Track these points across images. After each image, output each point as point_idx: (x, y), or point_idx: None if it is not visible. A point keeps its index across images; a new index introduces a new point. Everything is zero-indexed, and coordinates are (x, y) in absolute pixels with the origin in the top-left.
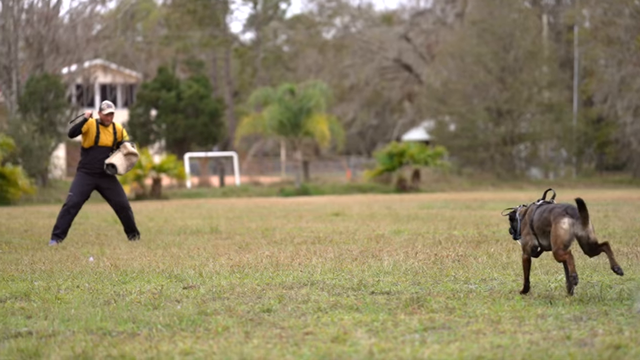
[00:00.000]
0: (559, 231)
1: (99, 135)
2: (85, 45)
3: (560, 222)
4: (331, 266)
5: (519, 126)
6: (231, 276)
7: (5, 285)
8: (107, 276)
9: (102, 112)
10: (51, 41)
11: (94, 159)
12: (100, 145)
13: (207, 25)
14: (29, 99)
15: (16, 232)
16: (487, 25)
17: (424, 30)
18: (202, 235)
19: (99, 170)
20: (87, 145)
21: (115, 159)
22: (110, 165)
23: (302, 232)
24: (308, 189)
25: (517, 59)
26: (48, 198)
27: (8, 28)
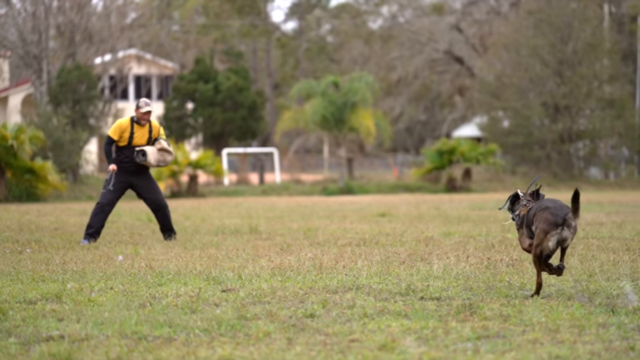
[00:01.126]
0: (544, 242)
1: (133, 135)
2: (119, 34)
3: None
4: (377, 270)
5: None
6: (272, 279)
7: (36, 286)
8: (142, 278)
9: (139, 110)
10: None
11: (126, 158)
12: (134, 145)
13: (247, 14)
14: (60, 90)
15: (46, 231)
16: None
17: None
18: (241, 236)
19: (133, 169)
20: (121, 144)
21: (147, 147)
22: (140, 153)
23: (347, 233)
24: (352, 188)
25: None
26: (79, 195)
27: (39, 15)
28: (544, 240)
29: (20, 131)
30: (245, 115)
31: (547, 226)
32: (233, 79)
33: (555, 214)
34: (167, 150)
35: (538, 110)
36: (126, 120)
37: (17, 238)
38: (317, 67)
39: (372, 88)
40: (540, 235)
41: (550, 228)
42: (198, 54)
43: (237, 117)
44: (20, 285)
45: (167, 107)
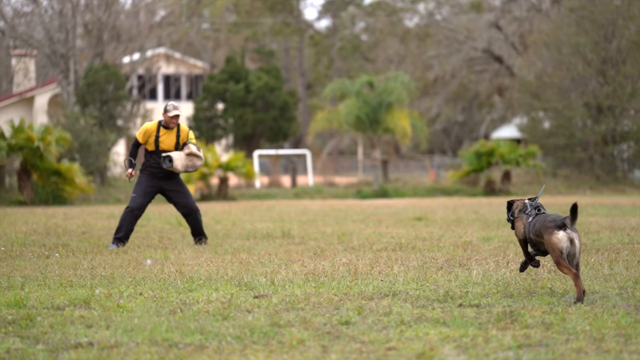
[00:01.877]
0: (554, 240)
1: (159, 139)
2: (147, 32)
3: (554, 233)
4: (414, 275)
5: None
6: (305, 285)
7: (64, 291)
8: (172, 283)
9: (167, 114)
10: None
11: (155, 163)
12: (162, 150)
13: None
14: (87, 90)
15: (74, 234)
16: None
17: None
18: (273, 240)
19: (162, 174)
20: (149, 148)
21: (174, 153)
22: (167, 159)
23: (382, 237)
24: (387, 191)
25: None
26: (107, 198)
27: (66, 13)
28: (560, 241)
29: (46, 132)
30: (277, 116)
31: (553, 225)
32: (264, 78)
33: (555, 219)
34: (196, 155)
35: (580, 111)
36: (153, 124)
37: (44, 242)
38: (351, 66)
39: (408, 88)
40: (553, 243)
41: (558, 228)
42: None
43: (269, 118)
44: (47, 290)
45: (196, 107)
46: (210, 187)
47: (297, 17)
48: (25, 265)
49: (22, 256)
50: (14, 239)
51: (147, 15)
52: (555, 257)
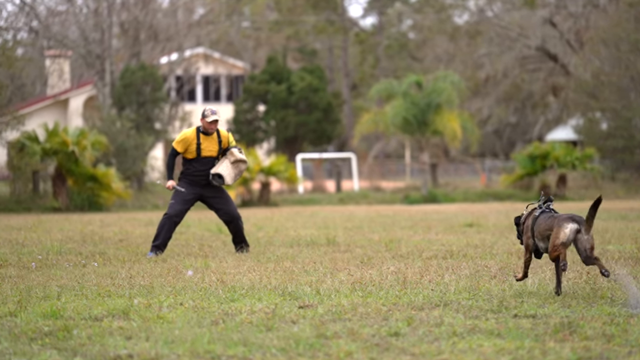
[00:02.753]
0: (560, 233)
1: (201, 146)
2: (186, 31)
3: (564, 225)
4: (466, 284)
5: None
6: (352, 294)
7: (102, 301)
8: (214, 293)
9: (205, 120)
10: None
11: (196, 171)
12: (204, 157)
13: (323, 9)
14: (123, 92)
15: (111, 242)
16: None
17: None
18: (317, 248)
19: (203, 182)
20: (189, 157)
21: (222, 168)
22: (216, 176)
23: (432, 245)
24: (436, 196)
25: None
26: (144, 204)
27: (101, 12)
28: (561, 231)
29: (82, 136)
30: (320, 118)
31: (562, 222)
32: (307, 79)
33: (570, 216)
34: (241, 160)
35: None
36: (192, 131)
37: (80, 250)
38: (398, 65)
39: (457, 88)
40: (557, 231)
41: (566, 222)
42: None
43: (312, 120)
44: (85, 300)
45: (237, 109)
46: (251, 192)
47: (341, 15)
48: (62, 274)
49: (58, 265)
50: (49, 247)
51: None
52: (553, 244)
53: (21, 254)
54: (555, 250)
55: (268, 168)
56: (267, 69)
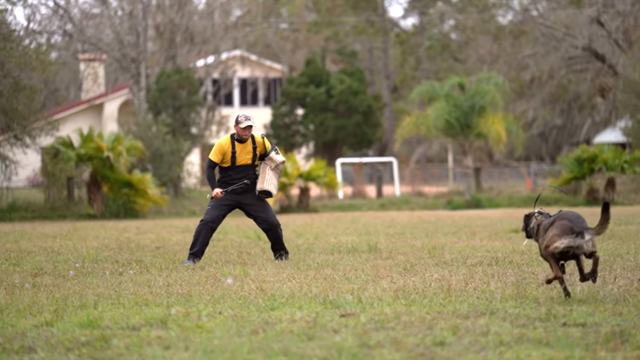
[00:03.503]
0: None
1: (236, 155)
2: (222, 34)
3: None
4: (513, 292)
5: None
6: (395, 302)
7: (139, 310)
8: (253, 301)
9: (239, 126)
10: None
11: (232, 180)
12: (239, 165)
13: (363, 9)
14: (159, 96)
15: (147, 250)
16: None
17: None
18: (359, 255)
19: (240, 189)
20: (224, 165)
21: (266, 182)
22: (263, 192)
23: (476, 251)
24: (480, 201)
25: None
26: (181, 210)
27: (136, 15)
28: (556, 241)
29: (117, 141)
30: (360, 121)
31: (560, 231)
32: (347, 81)
33: (573, 223)
34: (281, 162)
35: None
36: (226, 140)
37: (116, 258)
38: (440, 67)
39: (501, 90)
40: (552, 238)
41: (563, 233)
42: (308, 54)
43: (352, 124)
44: (122, 309)
45: (274, 113)
46: (290, 198)
47: (381, 15)
48: (98, 282)
49: (94, 273)
50: (85, 255)
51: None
52: (546, 251)
53: (56, 262)
54: (548, 254)
55: (307, 173)
56: (305, 71)
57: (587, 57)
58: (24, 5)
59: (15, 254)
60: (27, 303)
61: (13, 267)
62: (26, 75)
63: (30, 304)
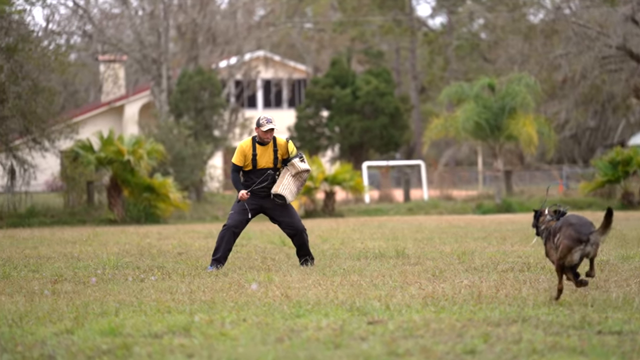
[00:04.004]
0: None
1: (256, 157)
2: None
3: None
4: (545, 299)
5: None
6: (424, 309)
7: (162, 317)
8: (278, 308)
9: (261, 129)
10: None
11: (253, 183)
12: (260, 169)
13: (389, 9)
14: (181, 98)
15: (169, 256)
16: None
17: None
18: (386, 260)
19: (264, 193)
20: (246, 169)
21: (282, 187)
22: (277, 196)
23: (507, 257)
24: (511, 205)
25: None
26: (203, 215)
27: (157, 15)
28: (568, 255)
29: (138, 144)
30: (387, 123)
31: (571, 242)
32: (373, 82)
33: (580, 231)
34: (303, 170)
35: None
36: (247, 142)
37: (138, 264)
38: (469, 67)
39: (533, 90)
40: (563, 250)
41: (574, 244)
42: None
43: (378, 126)
44: (144, 317)
45: (299, 115)
46: (315, 202)
47: (408, 15)
48: (119, 289)
49: (115, 280)
50: (105, 261)
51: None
52: (558, 263)
53: (77, 268)
54: (559, 267)
55: (332, 177)
56: (330, 72)
57: (622, 56)
58: (42, 6)
59: (35, 260)
60: (47, 310)
61: (32, 273)
62: (45, 77)
63: (50, 311)
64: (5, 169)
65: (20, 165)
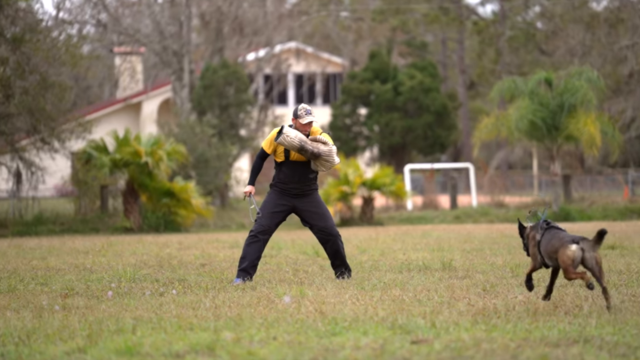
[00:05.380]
0: (567, 254)
1: None
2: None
3: (568, 247)
4: (610, 317)
5: None
6: (474, 327)
7: (184, 335)
8: (311, 325)
9: (299, 121)
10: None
11: (286, 177)
12: (293, 161)
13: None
14: (204, 94)
15: (191, 267)
16: None
17: None
18: (431, 273)
19: (296, 191)
20: (278, 160)
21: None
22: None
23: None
24: (570, 213)
25: None
26: (228, 223)
27: (179, 2)
28: (569, 254)
29: (156, 145)
30: (432, 122)
31: (559, 242)
32: (418, 77)
33: (570, 236)
34: (320, 141)
35: None
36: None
37: (156, 277)
38: (524, 60)
39: (595, 86)
40: (567, 255)
41: (570, 243)
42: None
43: (422, 125)
44: (164, 334)
45: (334, 113)
46: (352, 209)
47: (456, 2)
48: (136, 304)
49: (132, 294)
50: (121, 273)
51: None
52: (564, 266)
53: (89, 281)
54: (569, 273)
55: (371, 181)
56: (369, 65)
57: None
58: None
59: (43, 272)
60: (57, 327)
61: (41, 287)
62: (55, 70)
63: (60, 328)
64: (11, 172)
65: (27, 167)
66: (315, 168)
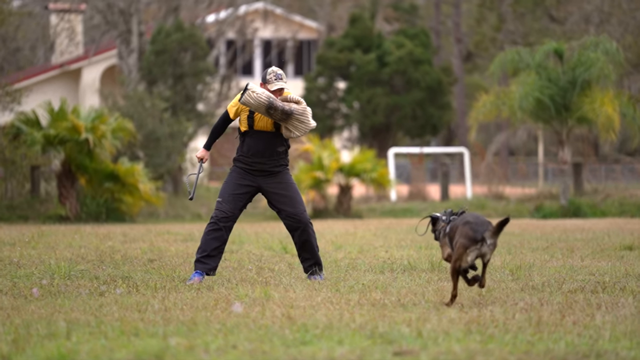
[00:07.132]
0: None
1: (254, 115)
2: None
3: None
4: (627, 328)
5: None
6: (467, 338)
7: (127, 341)
8: (277, 332)
9: (267, 86)
10: None
11: (250, 150)
12: (258, 130)
13: None
14: (155, 60)
15: (137, 263)
16: None
17: None
18: (417, 274)
19: (261, 167)
20: (242, 129)
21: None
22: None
23: (576, 273)
24: (580, 207)
25: None
26: (182, 212)
27: None
28: (463, 255)
29: (99, 120)
30: (422, 100)
31: (467, 241)
32: (406, 46)
33: (476, 230)
34: (292, 100)
35: None
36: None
37: (96, 273)
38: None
39: (614, 59)
40: (459, 250)
41: (470, 243)
42: (354, 9)
43: (411, 102)
44: (104, 340)
45: (308, 86)
46: (326, 198)
47: None
48: (72, 305)
49: (67, 293)
50: (54, 269)
51: None
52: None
53: (16, 277)
54: (454, 270)
55: (349, 166)
56: (349, 31)
57: None
58: None
59: None
60: None
61: None
62: None
63: None
64: None
65: None
66: (287, 134)
